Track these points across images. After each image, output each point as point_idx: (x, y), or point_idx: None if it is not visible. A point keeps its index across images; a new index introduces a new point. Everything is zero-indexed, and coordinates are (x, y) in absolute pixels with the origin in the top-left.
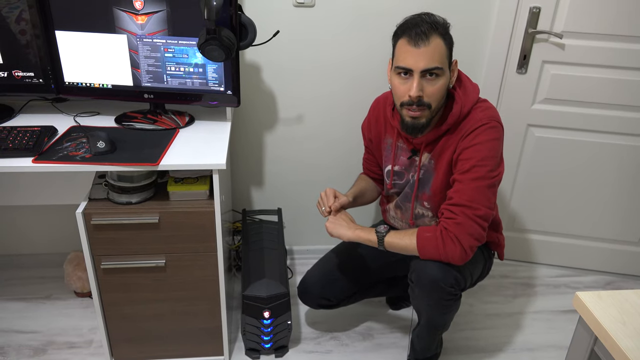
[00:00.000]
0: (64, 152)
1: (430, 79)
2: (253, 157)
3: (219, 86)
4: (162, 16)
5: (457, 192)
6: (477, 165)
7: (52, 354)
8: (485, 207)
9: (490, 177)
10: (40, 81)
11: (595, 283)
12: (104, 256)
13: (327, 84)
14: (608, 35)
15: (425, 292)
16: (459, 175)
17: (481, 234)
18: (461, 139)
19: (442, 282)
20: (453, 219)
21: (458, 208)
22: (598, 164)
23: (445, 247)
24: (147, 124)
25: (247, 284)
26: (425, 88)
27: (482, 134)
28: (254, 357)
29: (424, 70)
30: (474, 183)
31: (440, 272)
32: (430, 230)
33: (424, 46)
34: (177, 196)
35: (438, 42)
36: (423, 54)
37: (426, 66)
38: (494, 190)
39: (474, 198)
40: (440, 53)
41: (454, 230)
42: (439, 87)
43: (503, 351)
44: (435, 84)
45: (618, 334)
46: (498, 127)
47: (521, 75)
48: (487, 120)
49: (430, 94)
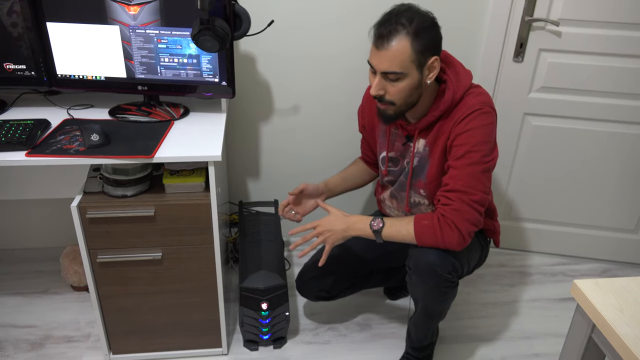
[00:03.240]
0: (58, 145)
1: (391, 80)
2: (249, 148)
3: (214, 77)
4: (154, 6)
5: (452, 178)
6: (471, 150)
7: (50, 348)
8: (481, 192)
9: (484, 162)
10: (33, 74)
11: (592, 271)
12: (100, 250)
13: (322, 74)
14: (605, 22)
15: (422, 279)
16: (453, 161)
17: (478, 219)
18: (454, 125)
19: (440, 268)
20: (450, 205)
21: (454, 194)
22: (595, 152)
23: (443, 233)
24: (142, 116)
25: (244, 276)
26: (387, 87)
27: (475, 119)
28: (252, 349)
29: (384, 72)
30: (469, 169)
31: (438, 258)
32: (427, 218)
33: (384, 49)
34: (172, 189)
35: (401, 46)
36: (383, 57)
37: (385, 69)
38: (488, 175)
39: (470, 183)
40: (401, 57)
41: (451, 217)
42: (401, 88)
43: (501, 339)
44: (397, 85)
45: (616, 322)
46: (491, 112)
47: (518, 63)
48: (479, 105)
49: (392, 94)
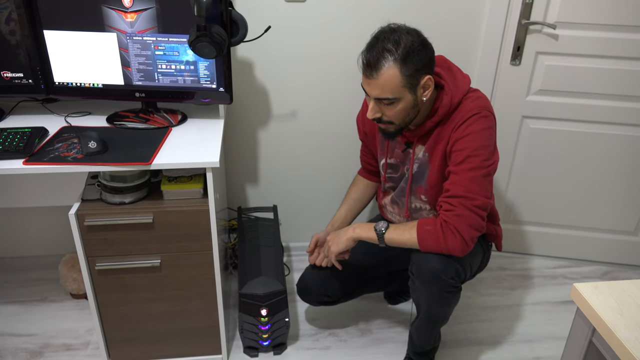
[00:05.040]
0: (56, 153)
1: (386, 104)
2: (247, 154)
3: (211, 83)
4: (151, 13)
5: (453, 183)
6: (471, 155)
7: (49, 356)
8: (482, 197)
9: (485, 166)
10: (30, 82)
11: (593, 273)
12: (99, 257)
13: (320, 80)
14: (601, 25)
15: (425, 285)
16: (453, 166)
17: (481, 224)
18: (453, 130)
19: (443, 274)
20: (452, 211)
21: (456, 200)
22: (593, 154)
23: (446, 239)
24: (139, 123)
25: (243, 282)
26: (383, 109)
27: (474, 123)
28: (252, 356)
29: (377, 98)
30: (470, 173)
31: (441, 264)
32: (430, 224)
33: (373, 78)
34: (171, 195)
35: (390, 73)
36: (374, 85)
37: (377, 96)
38: (489, 179)
39: (471, 188)
40: (392, 84)
41: (453, 222)
42: (397, 111)
43: (502, 343)
44: (392, 108)
45: (616, 325)
46: (490, 116)
47: (515, 66)
48: (478, 110)
49: (389, 115)
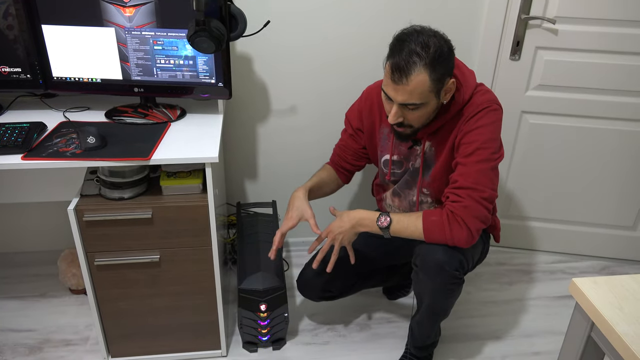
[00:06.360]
0: (54, 148)
1: (410, 109)
2: (246, 149)
3: (210, 78)
4: (150, 8)
5: (461, 175)
6: (480, 147)
7: (48, 352)
8: (490, 189)
9: (493, 159)
10: (28, 77)
11: (591, 268)
12: (98, 252)
13: (319, 75)
14: (601, 19)
15: (430, 276)
16: (462, 158)
17: (487, 216)
18: (463, 123)
19: (447, 265)
20: (459, 202)
21: (463, 191)
22: (592, 149)
23: (452, 230)
24: (138, 118)
25: (243, 278)
26: (405, 114)
27: (484, 117)
28: (252, 351)
29: (402, 104)
30: (478, 165)
31: (445, 255)
32: (436, 214)
33: (402, 84)
34: (170, 190)
35: (420, 79)
36: (402, 90)
37: (404, 101)
38: (496, 172)
39: (479, 180)
40: (420, 90)
41: (460, 214)
42: (420, 115)
43: (501, 338)
44: (416, 112)
45: (614, 320)
46: (498, 109)
47: (515, 61)
48: (487, 103)
49: (411, 120)
